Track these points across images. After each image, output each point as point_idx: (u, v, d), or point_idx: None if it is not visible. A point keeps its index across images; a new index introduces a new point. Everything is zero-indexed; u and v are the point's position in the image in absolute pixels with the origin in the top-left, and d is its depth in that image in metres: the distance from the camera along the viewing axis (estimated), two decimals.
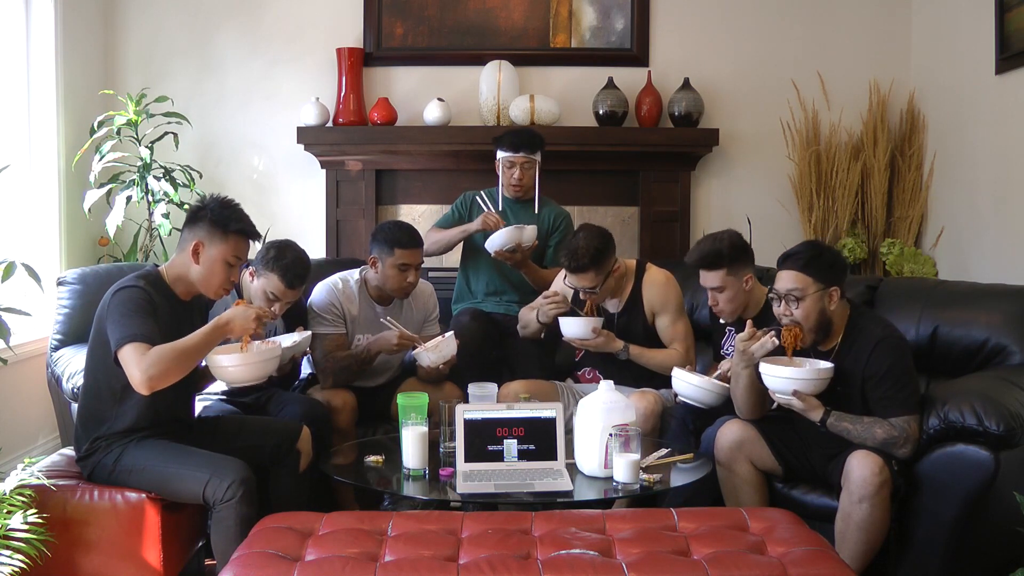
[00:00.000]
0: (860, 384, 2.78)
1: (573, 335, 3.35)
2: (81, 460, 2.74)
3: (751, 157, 4.79)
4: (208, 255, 2.71)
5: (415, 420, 2.78)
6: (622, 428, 2.64)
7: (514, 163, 3.81)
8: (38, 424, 4.01)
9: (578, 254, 3.28)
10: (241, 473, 2.57)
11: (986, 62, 3.96)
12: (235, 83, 4.76)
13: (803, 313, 2.79)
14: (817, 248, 2.87)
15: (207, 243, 2.71)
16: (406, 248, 3.37)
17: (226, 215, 2.73)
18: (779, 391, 2.76)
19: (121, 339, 2.53)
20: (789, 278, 2.81)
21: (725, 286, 3.18)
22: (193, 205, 2.82)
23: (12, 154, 3.96)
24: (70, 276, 3.64)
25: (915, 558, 2.75)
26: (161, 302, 2.66)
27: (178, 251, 2.77)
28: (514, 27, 4.74)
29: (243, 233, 2.76)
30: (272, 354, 2.77)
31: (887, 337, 2.79)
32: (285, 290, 3.15)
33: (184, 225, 2.77)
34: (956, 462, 2.67)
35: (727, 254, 3.16)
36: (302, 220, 4.74)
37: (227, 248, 2.72)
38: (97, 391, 2.71)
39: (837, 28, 4.76)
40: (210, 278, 2.72)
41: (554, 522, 2.34)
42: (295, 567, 2.09)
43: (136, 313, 2.56)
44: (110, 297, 2.64)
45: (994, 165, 4.02)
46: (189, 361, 2.60)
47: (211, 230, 2.71)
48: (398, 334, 3.30)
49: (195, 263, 2.71)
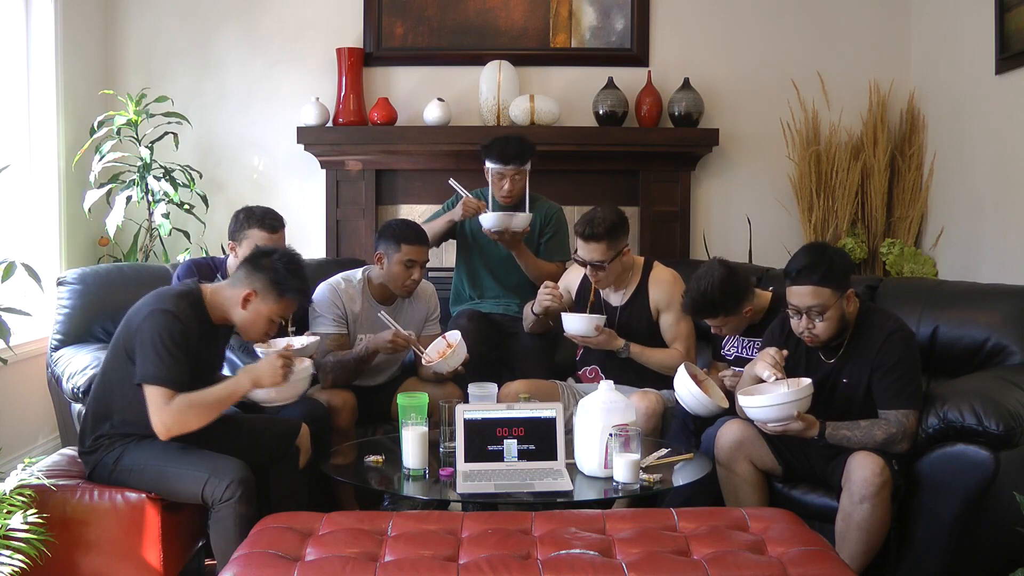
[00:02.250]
0: (868, 375, 2.78)
1: (575, 331, 3.36)
2: (84, 455, 2.75)
3: (751, 157, 4.79)
4: (256, 308, 2.72)
5: (415, 420, 2.78)
6: (622, 428, 2.64)
7: (503, 175, 3.76)
8: (38, 424, 4.01)
9: (595, 223, 3.31)
10: (240, 473, 2.58)
11: (986, 62, 3.96)
12: (235, 83, 4.76)
13: (825, 325, 2.76)
14: (825, 255, 2.79)
15: (260, 296, 2.71)
16: (412, 244, 3.38)
17: (287, 279, 2.73)
18: (768, 420, 2.72)
19: (149, 376, 2.57)
20: (808, 294, 2.75)
21: (725, 323, 3.19)
22: (261, 249, 2.82)
23: (12, 154, 3.96)
24: (70, 276, 3.64)
25: (915, 558, 2.75)
26: (194, 327, 2.66)
27: (230, 285, 2.76)
28: (514, 27, 4.74)
29: (297, 298, 2.78)
30: (304, 373, 2.77)
31: (899, 330, 2.79)
32: (269, 236, 3.27)
33: (245, 263, 2.77)
34: (956, 462, 2.67)
35: (720, 302, 3.10)
36: (302, 220, 4.74)
37: (277, 308, 2.74)
38: (109, 385, 2.72)
39: (837, 28, 4.76)
40: (251, 327, 2.76)
41: (554, 522, 2.34)
42: (295, 567, 2.09)
43: (169, 351, 2.57)
44: (148, 314, 2.62)
45: (994, 165, 4.02)
46: (211, 414, 2.63)
47: (268, 287, 2.71)
48: (392, 332, 3.30)
49: (242, 308, 2.71)
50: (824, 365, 2.87)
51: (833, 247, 2.94)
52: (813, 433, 2.73)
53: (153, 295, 2.72)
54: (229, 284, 2.77)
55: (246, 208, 3.39)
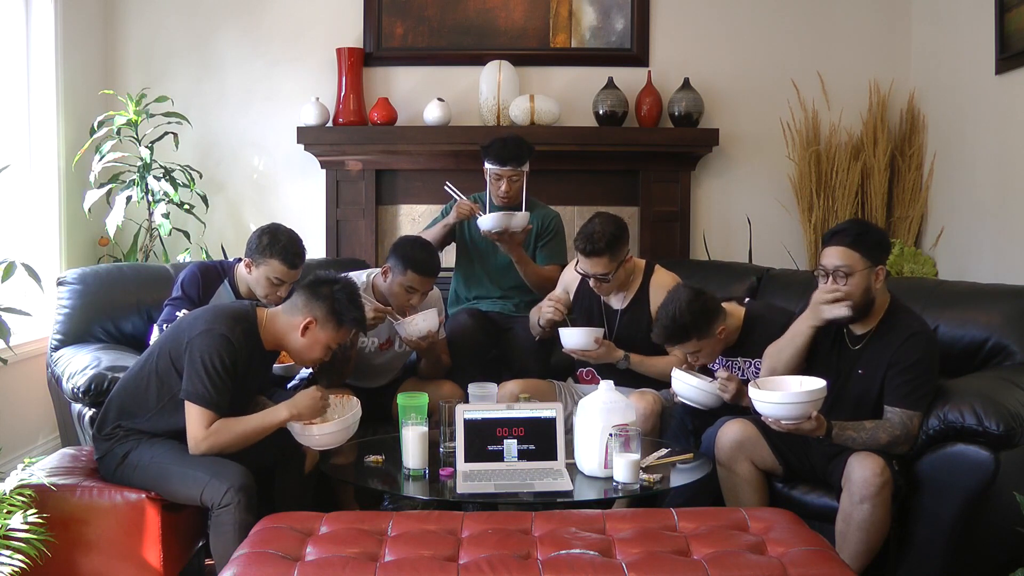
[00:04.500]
0: (884, 371, 2.77)
1: (574, 346, 3.30)
2: (98, 439, 2.76)
3: (751, 157, 4.79)
4: (315, 335, 2.75)
5: (415, 420, 2.78)
6: (622, 428, 2.64)
7: (501, 176, 3.76)
8: (38, 424, 4.01)
9: (594, 237, 3.28)
10: (240, 480, 2.57)
11: (986, 62, 3.96)
12: (235, 83, 4.76)
13: (850, 289, 2.76)
14: (864, 225, 2.86)
15: (320, 325, 2.74)
16: (419, 274, 3.35)
17: (348, 309, 2.76)
18: (782, 417, 2.69)
19: (194, 395, 2.61)
20: (837, 254, 2.77)
21: (700, 348, 3.10)
22: (321, 276, 2.82)
23: (12, 154, 3.96)
24: (70, 276, 3.64)
25: (915, 558, 2.75)
26: (244, 353, 2.68)
27: (288, 311, 2.77)
28: (514, 27, 4.74)
29: (355, 327, 2.83)
30: (354, 419, 2.75)
31: (923, 331, 2.79)
32: (288, 271, 3.20)
33: (304, 290, 2.78)
34: (956, 462, 2.67)
35: (691, 323, 3.03)
36: (302, 220, 4.73)
37: (336, 336, 2.78)
38: (145, 385, 2.72)
39: (837, 28, 4.76)
40: (308, 354, 2.78)
41: (554, 522, 2.34)
42: (295, 567, 2.09)
43: (219, 375, 2.61)
44: (204, 331, 2.64)
45: (994, 165, 4.02)
46: (248, 442, 2.67)
47: (328, 316, 2.74)
48: (372, 308, 3.26)
49: (301, 336, 2.74)
50: (847, 352, 2.87)
51: (876, 225, 2.94)
52: (820, 432, 2.73)
53: (211, 312, 2.75)
54: (285, 311, 2.78)
55: (272, 232, 3.23)
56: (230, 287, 3.33)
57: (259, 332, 2.74)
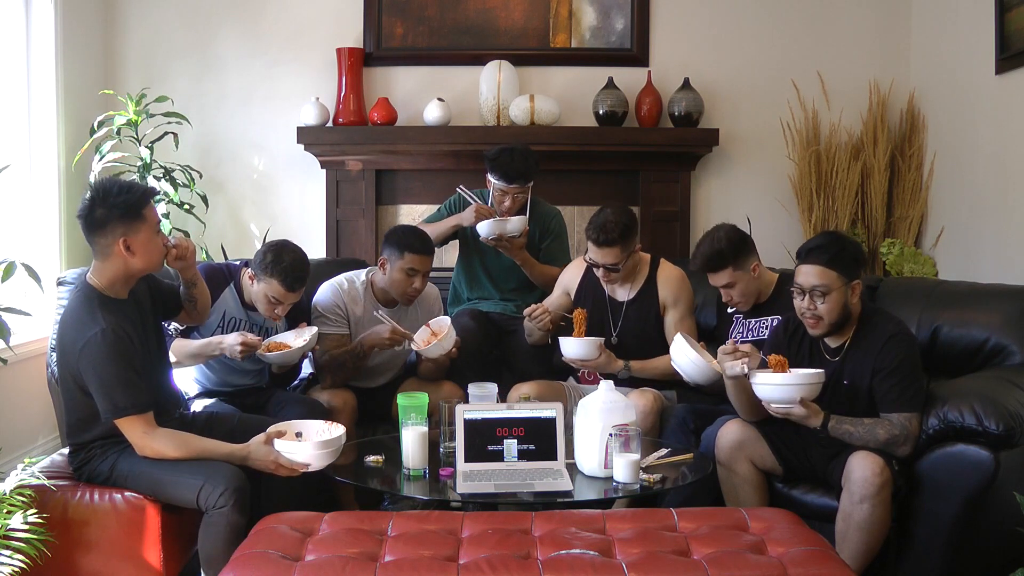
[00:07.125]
0: (869, 378, 2.78)
1: (575, 355, 3.28)
2: (77, 470, 2.71)
3: (751, 157, 4.79)
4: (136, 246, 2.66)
5: (415, 420, 2.78)
6: (622, 428, 2.64)
7: (506, 192, 3.73)
8: (38, 424, 4.01)
9: (607, 227, 3.28)
10: (235, 481, 2.56)
11: (986, 62, 3.96)
12: (235, 83, 4.76)
13: (827, 308, 2.77)
14: (840, 241, 2.84)
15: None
16: (416, 253, 3.36)
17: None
18: (773, 400, 2.73)
19: (114, 411, 2.54)
20: (814, 273, 2.78)
21: (735, 281, 3.20)
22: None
23: (12, 154, 3.96)
24: (70, 276, 3.63)
25: (915, 558, 2.75)
26: (121, 325, 2.57)
27: (102, 256, 2.68)
28: (514, 27, 4.74)
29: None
30: (338, 443, 2.68)
31: (900, 333, 2.79)
32: (286, 293, 3.14)
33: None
34: (956, 462, 2.67)
35: (728, 251, 3.16)
36: (302, 220, 4.75)
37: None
38: (83, 405, 2.65)
39: (837, 28, 4.76)
40: (155, 258, 2.71)
41: (554, 522, 2.34)
42: (295, 567, 2.09)
43: (123, 375, 2.52)
44: (81, 344, 2.53)
45: (994, 165, 4.02)
46: (190, 455, 2.61)
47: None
48: (390, 328, 3.30)
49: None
50: (828, 364, 2.87)
51: (849, 237, 2.94)
52: (816, 423, 2.73)
53: (70, 325, 2.60)
54: (102, 256, 2.69)
55: (277, 250, 3.16)
56: (235, 290, 3.31)
57: (99, 291, 2.63)
